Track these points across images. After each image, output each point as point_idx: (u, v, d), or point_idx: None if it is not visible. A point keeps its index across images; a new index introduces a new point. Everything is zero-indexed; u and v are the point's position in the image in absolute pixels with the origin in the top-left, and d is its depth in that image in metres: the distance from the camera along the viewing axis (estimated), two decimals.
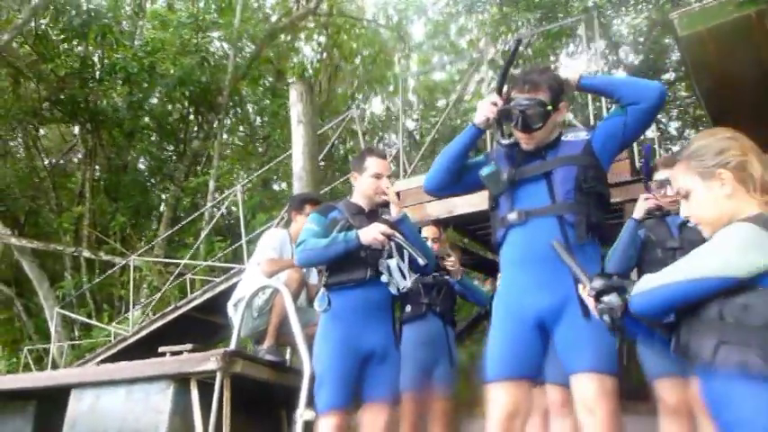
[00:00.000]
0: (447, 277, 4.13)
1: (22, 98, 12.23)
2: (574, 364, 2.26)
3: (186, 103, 13.07)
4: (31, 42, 11.41)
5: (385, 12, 19.64)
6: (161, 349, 4.44)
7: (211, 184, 11.41)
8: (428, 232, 4.14)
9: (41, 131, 14.76)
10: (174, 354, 4.32)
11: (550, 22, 14.88)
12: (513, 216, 2.42)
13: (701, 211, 1.70)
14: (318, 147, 5.70)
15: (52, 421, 4.81)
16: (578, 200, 2.36)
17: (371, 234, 2.88)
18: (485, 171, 2.49)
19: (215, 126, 12.48)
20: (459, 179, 2.67)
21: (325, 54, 16.16)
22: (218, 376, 3.84)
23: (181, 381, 4.12)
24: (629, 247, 3.09)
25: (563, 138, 2.51)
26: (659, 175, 3.15)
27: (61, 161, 15.57)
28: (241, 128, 14.69)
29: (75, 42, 11.00)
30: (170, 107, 13.52)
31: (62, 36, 10.78)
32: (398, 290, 2.95)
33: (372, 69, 17.06)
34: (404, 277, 2.90)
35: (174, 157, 14.14)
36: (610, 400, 2.20)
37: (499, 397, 2.34)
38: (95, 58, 12.55)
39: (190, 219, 9.81)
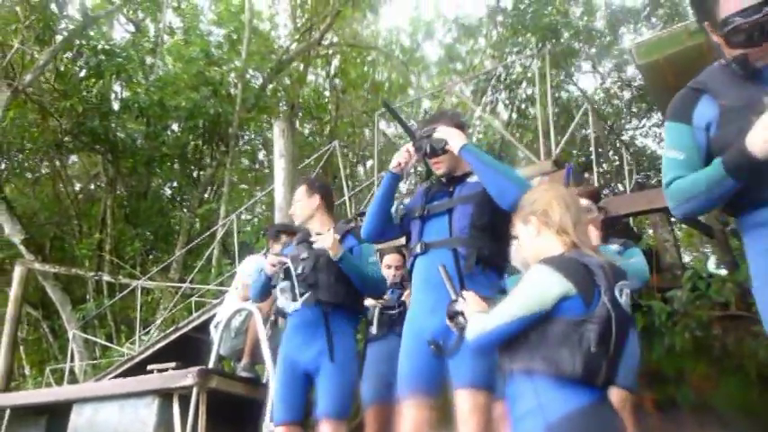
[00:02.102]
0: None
1: (47, 131, 13.00)
2: (455, 380, 2.45)
3: (199, 133, 13.71)
4: (53, 81, 12.20)
5: (396, 38, 20.25)
6: (149, 367, 4.90)
7: (222, 211, 11.96)
8: (391, 260, 4.42)
9: (66, 162, 15.56)
10: (159, 371, 4.77)
11: (553, 43, 15.28)
12: (417, 247, 2.75)
13: (523, 249, 2.10)
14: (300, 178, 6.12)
15: None
16: (472, 234, 2.59)
17: (267, 265, 3.31)
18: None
19: (225, 155, 13.06)
20: (393, 223, 2.92)
21: (334, 81, 16.71)
22: (195, 391, 4.29)
23: (165, 395, 4.58)
24: None
25: (468, 179, 2.75)
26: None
27: (85, 190, 16.34)
28: (244, 159, 15.28)
29: (92, 80, 11.69)
30: (185, 137, 14.15)
31: (80, 75, 11.49)
32: (290, 311, 3.20)
33: (385, 95, 17.52)
34: (294, 299, 3.21)
35: (189, 185, 14.79)
36: (481, 414, 2.37)
37: (407, 413, 2.56)
38: (114, 93, 13.33)
39: (194, 243, 10.37)
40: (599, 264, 1.88)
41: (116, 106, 12.92)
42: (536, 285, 1.86)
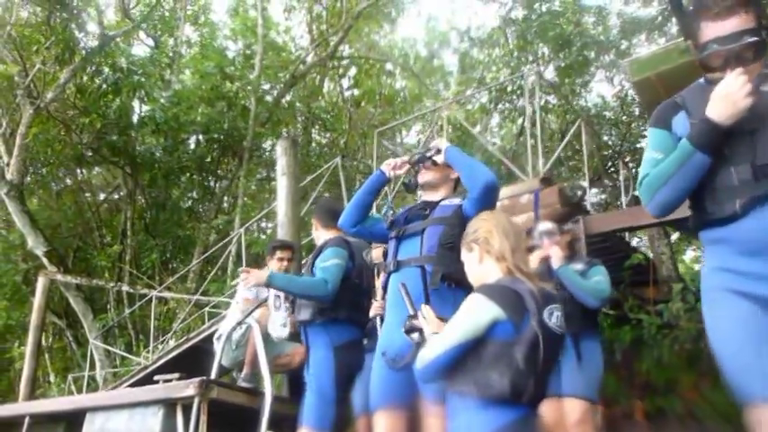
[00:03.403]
0: None
1: (69, 146, 13.47)
2: (425, 393, 2.64)
3: (215, 146, 14.09)
4: (74, 98, 12.67)
5: (411, 49, 20.48)
6: (155, 377, 5.12)
7: (237, 222, 12.28)
8: None
9: (87, 175, 16.07)
10: (165, 381, 5.01)
11: (565, 54, 15.36)
12: (391, 265, 2.96)
13: (468, 274, 2.29)
14: (305, 195, 6.37)
15: None
16: (439, 253, 2.78)
17: None
18: None
19: (240, 168, 13.40)
20: (366, 222, 3.19)
21: (348, 93, 16.98)
22: (196, 401, 4.50)
23: (169, 405, 4.79)
24: None
25: (442, 202, 3.00)
26: (543, 225, 3.69)
27: (106, 201, 16.82)
28: (261, 170, 15.62)
29: (110, 97, 12.12)
30: (203, 150, 14.53)
31: (99, 92, 11.93)
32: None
33: (399, 106, 17.75)
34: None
35: (206, 196, 15.18)
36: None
37: (380, 423, 2.77)
38: (133, 108, 13.76)
39: (207, 255, 10.69)
40: (528, 290, 2.06)
41: (135, 120, 13.35)
42: (470, 313, 2.05)
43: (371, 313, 3.77)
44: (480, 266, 2.24)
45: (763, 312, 1.91)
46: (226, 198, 14.81)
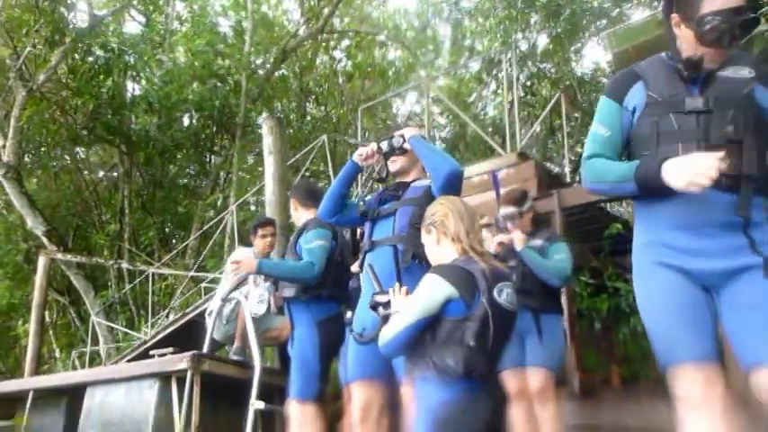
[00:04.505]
0: None
1: (64, 126, 13.57)
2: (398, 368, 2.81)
3: (210, 122, 14.18)
4: (66, 79, 12.73)
5: (404, 19, 20.31)
6: (151, 352, 5.37)
7: (231, 199, 12.43)
8: None
9: (86, 154, 16.18)
10: (160, 356, 5.24)
11: (557, 23, 15.27)
12: (366, 245, 3.11)
13: (428, 255, 2.47)
14: (293, 173, 6.53)
15: (78, 413, 5.79)
16: (410, 233, 2.91)
17: None
18: None
19: (233, 145, 13.51)
20: (345, 211, 3.29)
21: (340, 66, 16.94)
22: (189, 374, 4.73)
23: (165, 378, 5.03)
24: None
25: (413, 183, 3.13)
26: (503, 210, 3.86)
27: (104, 180, 16.96)
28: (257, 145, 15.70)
29: (102, 77, 12.18)
30: (197, 126, 14.61)
31: (91, 73, 11.98)
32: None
33: (391, 78, 17.69)
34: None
35: (202, 173, 15.32)
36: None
37: (355, 394, 3.00)
38: (126, 87, 13.82)
39: (201, 231, 10.89)
40: (480, 269, 2.23)
41: (129, 100, 13.41)
42: (426, 292, 2.22)
43: None
44: (438, 247, 2.41)
45: (690, 284, 2.07)
46: (222, 174, 14.94)
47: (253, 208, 15.26)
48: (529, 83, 15.88)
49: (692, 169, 1.87)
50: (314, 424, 3.63)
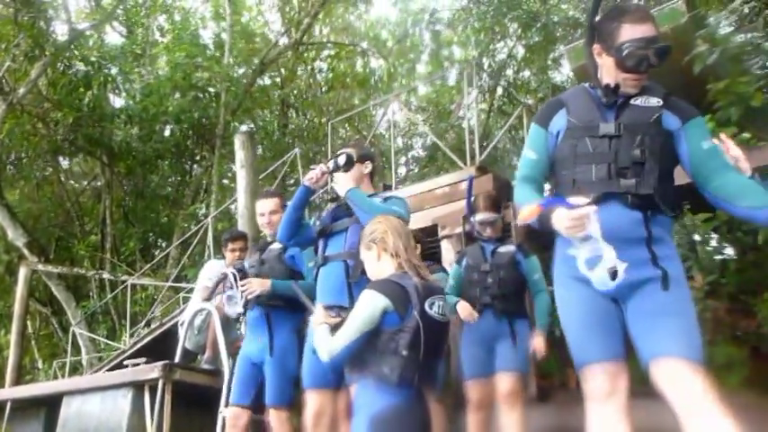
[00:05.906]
0: None
1: (44, 138, 13.66)
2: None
3: (190, 133, 14.31)
4: (46, 92, 12.84)
5: (385, 29, 20.50)
6: (125, 362, 5.55)
7: (211, 210, 12.57)
8: None
9: (66, 165, 16.25)
10: (134, 365, 5.42)
11: (533, 32, 15.55)
12: (319, 260, 3.28)
13: (367, 271, 2.68)
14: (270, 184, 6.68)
15: (56, 423, 5.94)
16: (359, 249, 2.92)
17: None
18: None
19: (213, 156, 13.67)
20: (301, 231, 3.44)
21: (319, 77, 17.12)
22: (161, 383, 4.92)
23: (138, 387, 5.22)
24: None
25: None
26: (481, 215, 4.08)
27: (86, 190, 17.02)
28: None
29: (81, 90, 12.29)
30: (178, 138, 14.72)
31: (71, 86, 12.09)
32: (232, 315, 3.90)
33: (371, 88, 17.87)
34: (236, 304, 3.84)
35: (183, 183, 15.44)
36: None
37: (308, 401, 3.22)
38: (108, 98, 13.93)
39: (179, 242, 11.05)
40: (414, 284, 2.44)
41: (109, 112, 13.52)
42: (365, 306, 2.41)
43: None
44: (378, 263, 2.61)
45: (599, 296, 2.30)
46: (203, 184, 15.07)
47: (236, 219, 15.35)
48: (506, 92, 16.18)
49: (567, 223, 2.08)
50: (288, 429, 3.77)
